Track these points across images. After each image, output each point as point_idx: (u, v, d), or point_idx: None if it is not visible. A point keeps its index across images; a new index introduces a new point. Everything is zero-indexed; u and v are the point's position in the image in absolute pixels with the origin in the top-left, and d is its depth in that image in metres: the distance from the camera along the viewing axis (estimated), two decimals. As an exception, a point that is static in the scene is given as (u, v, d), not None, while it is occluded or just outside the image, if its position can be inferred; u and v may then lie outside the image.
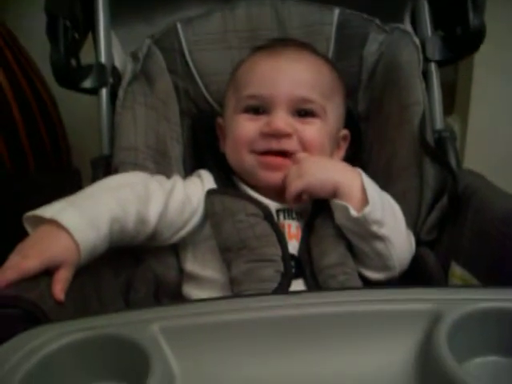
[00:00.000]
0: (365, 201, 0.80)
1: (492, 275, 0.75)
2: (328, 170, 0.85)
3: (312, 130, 0.89)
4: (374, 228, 0.81)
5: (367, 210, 0.79)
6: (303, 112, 0.89)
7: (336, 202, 0.82)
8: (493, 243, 0.76)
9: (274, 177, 0.88)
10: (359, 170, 0.86)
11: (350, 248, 0.86)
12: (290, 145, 0.88)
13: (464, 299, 0.56)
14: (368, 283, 0.86)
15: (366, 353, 0.54)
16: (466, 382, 0.47)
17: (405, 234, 0.87)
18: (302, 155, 0.87)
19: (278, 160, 0.88)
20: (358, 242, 0.84)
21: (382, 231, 0.82)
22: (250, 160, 0.89)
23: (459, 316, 0.53)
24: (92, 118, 1.05)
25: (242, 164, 0.91)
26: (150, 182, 0.85)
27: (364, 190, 0.81)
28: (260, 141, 0.88)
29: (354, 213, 0.80)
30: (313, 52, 0.97)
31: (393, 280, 0.87)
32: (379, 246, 0.83)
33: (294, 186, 0.84)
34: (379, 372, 0.53)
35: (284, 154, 0.88)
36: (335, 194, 0.83)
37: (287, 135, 0.87)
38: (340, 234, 0.85)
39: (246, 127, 0.89)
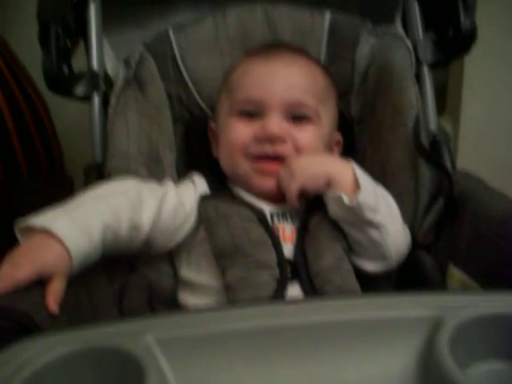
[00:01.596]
0: (357, 188, 0.80)
1: (490, 277, 0.75)
2: (317, 164, 0.86)
3: (306, 134, 0.89)
4: (368, 215, 0.81)
5: (360, 196, 0.79)
6: (297, 117, 0.89)
7: (329, 193, 0.82)
8: (490, 245, 0.76)
9: (268, 183, 0.88)
10: (350, 160, 0.86)
11: (347, 248, 0.86)
12: (284, 149, 0.88)
13: (464, 304, 0.55)
14: (366, 279, 0.86)
15: (366, 361, 0.54)
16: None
17: (400, 224, 0.87)
18: (290, 158, 0.87)
19: (272, 166, 0.88)
20: (353, 232, 0.84)
21: (377, 218, 0.82)
22: (244, 165, 0.89)
23: (460, 322, 0.53)
24: (84, 125, 1.04)
25: (235, 169, 0.91)
26: (143, 188, 0.84)
27: (357, 179, 0.81)
28: (254, 145, 0.88)
29: (347, 200, 0.80)
30: (306, 56, 0.97)
31: (390, 274, 0.87)
32: (374, 234, 0.83)
33: (291, 189, 0.84)
34: (380, 380, 0.53)
35: (278, 158, 0.87)
36: (329, 185, 0.83)
37: (281, 139, 0.87)
38: (335, 234, 0.85)
39: (240, 131, 0.89)
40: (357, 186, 0.81)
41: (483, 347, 0.54)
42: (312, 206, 0.87)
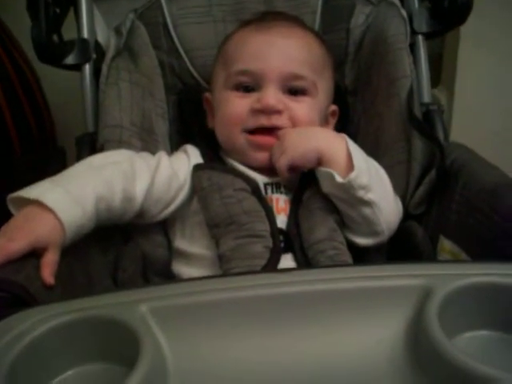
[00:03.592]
0: (350, 166, 0.80)
1: (480, 248, 0.76)
2: (310, 140, 0.85)
3: (303, 107, 0.89)
4: (361, 193, 0.81)
5: (353, 175, 0.79)
6: (294, 89, 0.89)
7: (321, 169, 0.82)
8: (480, 216, 0.77)
9: (264, 156, 0.88)
10: (344, 136, 0.86)
11: (339, 220, 0.86)
12: (280, 121, 0.87)
13: (454, 274, 0.56)
14: (358, 250, 0.87)
15: (356, 329, 0.54)
16: (455, 356, 0.48)
17: (392, 199, 0.87)
18: (283, 130, 0.87)
19: (267, 139, 0.87)
20: (345, 208, 0.84)
21: (369, 196, 0.81)
22: (240, 139, 0.89)
23: (449, 291, 0.54)
24: (76, 95, 1.03)
25: (232, 142, 0.90)
26: (136, 159, 0.84)
27: (349, 156, 0.81)
28: (251, 118, 0.87)
29: (339, 179, 0.80)
30: (303, 27, 0.95)
31: (381, 246, 0.88)
32: (367, 211, 0.83)
33: (280, 164, 0.84)
34: (370, 348, 0.53)
35: (274, 130, 0.87)
36: (320, 162, 0.82)
37: (278, 112, 0.87)
38: (329, 207, 0.85)
39: (237, 105, 0.88)
40: (349, 162, 0.80)
41: (472, 317, 0.55)
42: (306, 178, 0.87)
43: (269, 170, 0.88)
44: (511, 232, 0.71)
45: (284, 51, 0.89)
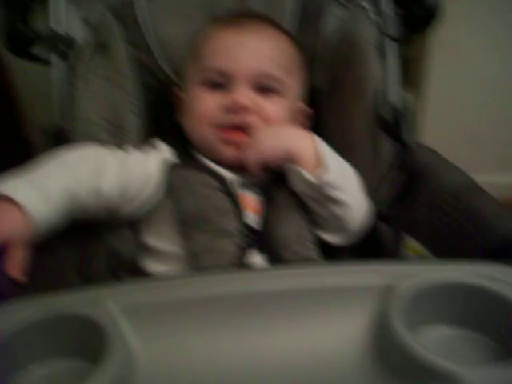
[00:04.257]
0: (319, 164, 0.81)
1: (443, 247, 0.78)
2: (279, 137, 0.86)
3: (273, 106, 0.89)
4: (330, 191, 0.82)
5: (322, 173, 0.80)
6: (265, 88, 0.89)
7: (291, 167, 0.83)
8: (443, 216, 0.79)
9: (233, 152, 0.88)
10: (313, 134, 0.87)
11: (309, 218, 0.87)
12: (251, 119, 0.88)
13: (415, 273, 0.58)
14: (328, 249, 0.88)
15: (320, 326, 0.56)
16: (417, 351, 0.50)
17: (360, 196, 0.88)
18: (255, 128, 0.87)
19: (237, 135, 0.88)
20: (315, 206, 0.85)
21: (338, 194, 0.83)
22: (210, 135, 0.89)
23: (411, 289, 0.55)
24: (45, 87, 1.02)
25: (202, 138, 0.91)
26: (104, 154, 0.84)
27: (318, 154, 0.82)
28: (221, 115, 0.88)
29: (308, 177, 0.81)
30: (274, 26, 0.96)
31: (353, 245, 0.89)
32: (336, 209, 0.84)
33: (250, 159, 0.85)
34: (335, 344, 0.55)
35: (244, 128, 0.87)
36: (290, 159, 0.83)
37: (249, 110, 0.87)
38: (297, 205, 0.86)
39: (208, 102, 0.89)
40: (318, 161, 0.81)
41: (433, 313, 0.57)
42: (276, 177, 0.88)
43: (239, 167, 0.88)
44: (472, 231, 0.74)
45: (255, 50, 0.89)
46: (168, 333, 0.54)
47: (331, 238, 0.88)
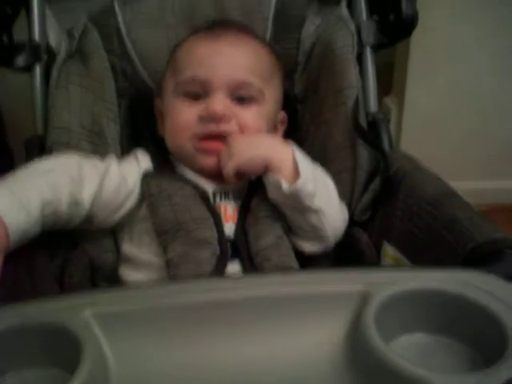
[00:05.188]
0: (296, 174, 0.82)
1: (421, 255, 0.79)
2: (257, 147, 0.86)
3: (250, 114, 0.90)
4: (307, 200, 0.82)
5: (299, 182, 0.81)
6: (242, 96, 0.90)
7: (268, 176, 0.84)
8: (421, 224, 0.79)
9: (210, 161, 0.88)
10: (290, 143, 0.87)
11: (286, 227, 0.88)
12: (229, 128, 0.88)
13: (392, 280, 0.58)
14: (304, 259, 0.88)
15: (296, 334, 0.56)
16: (392, 360, 0.50)
17: (337, 206, 0.89)
18: (231, 136, 0.87)
19: (215, 144, 0.88)
20: (292, 215, 0.86)
21: (315, 203, 0.83)
22: (188, 146, 0.89)
23: (386, 296, 0.56)
24: (26, 96, 1.02)
25: (180, 149, 0.91)
26: (84, 163, 0.83)
27: (296, 163, 0.82)
28: (199, 125, 0.88)
29: (285, 186, 0.81)
30: (252, 35, 0.97)
31: (328, 252, 0.90)
32: (313, 218, 0.85)
33: (227, 168, 0.84)
34: (310, 352, 0.55)
35: (222, 136, 0.88)
36: (267, 169, 0.83)
37: (226, 119, 0.87)
38: (276, 215, 0.86)
39: (185, 113, 0.89)
40: (296, 170, 0.82)
41: (409, 321, 0.57)
42: (254, 186, 0.88)
43: (218, 177, 0.88)
44: (450, 239, 0.74)
45: (232, 59, 0.90)
46: (143, 342, 0.54)
47: (308, 246, 0.88)
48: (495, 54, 1.61)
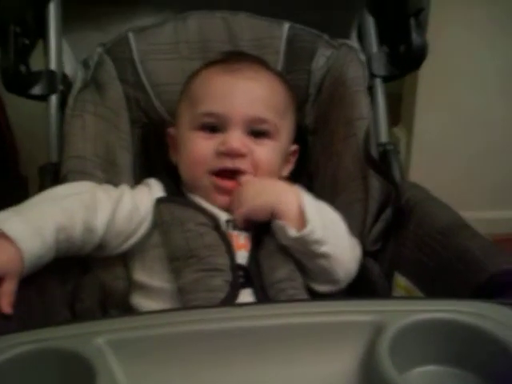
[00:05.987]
0: (304, 220, 0.81)
1: (433, 285, 0.79)
2: (266, 195, 0.86)
3: (265, 150, 0.91)
4: (315, 247, 0.82)
5: (306, 230, 0.80)
6: (257, 132, 0.91)
7: (276, 222, 0.84)
8: (432, 254, 0.79)
9: (224, 200, 0.90)
10: (298, 189, 0.88)
11: (298, 266, 0.87)
12: (243, 164, 0.89)
13: (405, 311, 0.58)
14: (317, 295, 0.87)
15: (310, 364, 0.56)
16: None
17: (348, 246, 0.88)
18: (244, 180, 0.89)
19: (230, 183, 0.89)
20: (301, 258, 0.85)
21: (323, 249, 0.82)
22: (204, 180, 0.90)
23: (400, 327, 0.56)
24: (41, 124, 1.03)
25: (195, 182, 0.92)
26: (98, 190, 0.84)
27: (302, 209, 0.82)
28: (215, 160, 0.89)
29: (292, 233, 0.81)
30: (267, 68, 0.98)
31: (340, 291, 0.88)
32: (322, 262, 0.84)
33: (236, 216, 0.87)
34: (324, 382, 0.55)
35: (237, 173, 0.89)
36: (273, 215, 0.84)
37: (242, 155, 0.89)
38: (288, 251, 0.86)
39: (202, 146, 0.90)
40: (301, 216, 0.82)
41: (422, 352, 0.56)
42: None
43: (228, 206, 0.89)
44: (461, 269, 0.74)
45: (248, 94, 0.91)
46: (155, 369, 0.54)
47: (320, 287, 0.87)
48: (506, 81, 1.62)
